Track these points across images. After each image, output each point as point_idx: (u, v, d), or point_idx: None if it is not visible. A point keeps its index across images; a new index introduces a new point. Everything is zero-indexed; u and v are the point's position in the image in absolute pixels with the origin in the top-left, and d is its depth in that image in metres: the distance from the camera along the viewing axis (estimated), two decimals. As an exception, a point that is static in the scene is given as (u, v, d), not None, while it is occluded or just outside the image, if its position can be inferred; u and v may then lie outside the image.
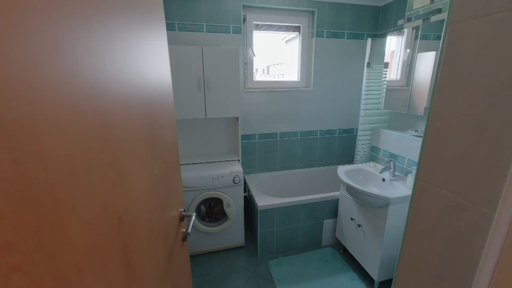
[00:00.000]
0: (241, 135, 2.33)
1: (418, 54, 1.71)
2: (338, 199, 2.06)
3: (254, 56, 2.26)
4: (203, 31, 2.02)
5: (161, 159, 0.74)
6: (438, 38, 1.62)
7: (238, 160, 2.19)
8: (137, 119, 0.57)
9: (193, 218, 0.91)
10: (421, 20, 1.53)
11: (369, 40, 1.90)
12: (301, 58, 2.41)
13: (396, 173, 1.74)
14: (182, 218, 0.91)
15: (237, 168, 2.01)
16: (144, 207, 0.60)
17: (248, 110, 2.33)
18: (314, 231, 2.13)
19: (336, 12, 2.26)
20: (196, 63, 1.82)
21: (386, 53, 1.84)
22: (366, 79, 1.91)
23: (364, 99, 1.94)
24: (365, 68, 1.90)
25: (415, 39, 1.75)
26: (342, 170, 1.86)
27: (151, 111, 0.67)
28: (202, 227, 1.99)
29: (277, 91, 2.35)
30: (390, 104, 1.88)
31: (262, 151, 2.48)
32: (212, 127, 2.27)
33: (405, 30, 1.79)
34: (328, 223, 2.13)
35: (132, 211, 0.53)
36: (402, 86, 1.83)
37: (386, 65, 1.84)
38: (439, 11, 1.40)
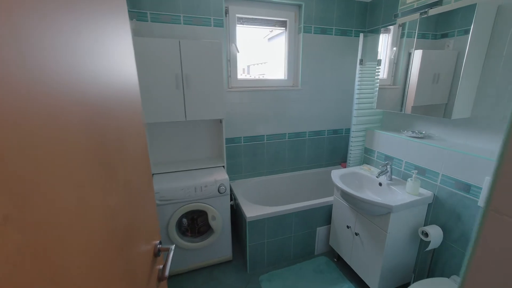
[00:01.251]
0: (226, 139, 2.14)
1: (404, 52, 1.62)
2: (331, 205, 1.93)
3: (238, 52, 2.08)
4: (180, 23, 1.80)
5: (122, 182, 0.53)
6: (423, 36, 1.54)
7: (223, 166, 1.99)
8: (73, 128, 0.37)
9: (172, 252, 0.71)
10: (418, 13, 1.44)
11: (361, 36, 1.79)
12: (288, 55, 2.26)
13: (393, 176, 1.65)
14: (157, 252, 0.71)
15: (222, 175, 1.82)
16: (92, 259, 0.40)
17: (233, 111, 2.14)
18: (307, 240, 1.99)
19: (324, 7, 2.14)
20: (173, 58, 1.60)
21: (379, 50, 1.74)
22: (359, 77, 1.81)
23: (357, 98, 1.83)
24: (358, 66, 1.79)
25: (401, 37, 1.67)
26: (336, 175, 1.74)
27: (104, 115, 0.47)
28: (184, 243, 1.77)
29: (263, 91, 2.19)
30: (382, 103, 1.78)
31: (249, 155, 2.30)
32: (193, 130, 2.05)
33: (391, 28, 1.70)
34: (321, 230, 2.00)
35: (64, 278, 0.33)
36: (390, 85, 1.75)
37: (379, 62, 1.74)
38: (439, 2, 1.31)
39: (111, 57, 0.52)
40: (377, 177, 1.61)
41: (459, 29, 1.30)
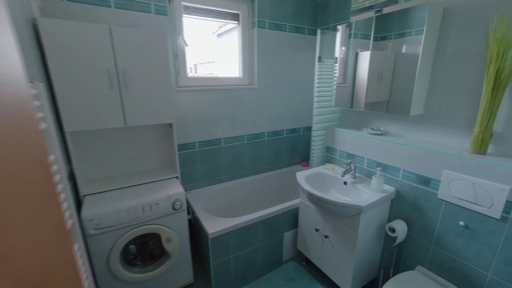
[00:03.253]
0: (178, 145, 1.86)
1: (352, 52, 1.66)
2: (297, 208, 1.86)
3: (187, 46, 1.82)
4: (111, 6, 1.45)
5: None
6: (365, 37, 1.58)
7: (177, 177, 1.72)
8: None
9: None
10: (373, 11, 1.44)
11: (318, 32, 1.74)
12: (242, 51, 2.10)
13: (356, 174, 1.65)
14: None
15: (177, 188, 1.55)
16: None
17: (184, 114, 1.88)
18: (274, 247, 1.88)
19: (277, 2, 2.05)
20: (102, 50, 1.27)
21: (336, 47, 1.72)
22: (318, 74, 1.76)
23: (317, 96, 1.78)
24: (316, 63, 1.75)
25: (349, 37, 1.70)
26: (302, 177, 1.66)
27: None
28: (133, 276, 1.45)
29: (217, 90, 1.98)
30: (340, 101, 1.78)
31: (205, 161, 2.07)
32: (138, 138, 1.71)
33: (340, 28, 1.71)
34: (288, 235, 1.91)
35: None
36: (340, 83, 1.77)
37: (337, 60, 1.72)
38: (390, 2, 1.32)
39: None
40: (342, 176, 1.58)
41: (395, 33, 1.38)
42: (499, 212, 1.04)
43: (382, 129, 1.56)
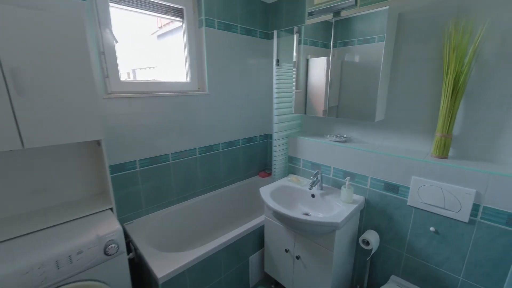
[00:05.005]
0: (110, 166, 1.47)
1: (304, 58, 1.60)
2: (262, 226, 1.67)
3: (117, 42, 1.46)
4: (-8, -22, 1.02)
5: None
6: (314, 44, 1.56)
7: (111, 208, 1.33)
8: None
9: None
10: (331, 14, 1.38)
11: (275, 33, 1.62)
12: (189, 53, 1.83)
13: (323, 185, 1.55)
14: None
15: (111, 225, 1.18)
16: None
17: (119, 126, 1.50)
18: (240, 275, 1.64)
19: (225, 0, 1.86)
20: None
21: (294, 51, 1.62)
22: (277, 79, 1.63)
23: (276, 102, 1.64)
24: (274, 67, 1.61)
25: (299, 43, 1.64)
26: (266, 193, 1.47)
27: None
28: None
29: (161, 97, 1.66)
30: (298, 107, 1.69)
31: (149, 182, 1.71)
32: (49, 162, 1.26)
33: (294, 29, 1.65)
34: (253, 258, 1.70)
35: None
36: (295, 89, 1.69)
37: (295, 64, 1.62)
38: (352, 4, 1.27)
39: None
40: (310, 188, 1.46)
41: (340, 41, 1.37)
42: (467, 216, 1.04)
43: (345, 135, 1.51)
